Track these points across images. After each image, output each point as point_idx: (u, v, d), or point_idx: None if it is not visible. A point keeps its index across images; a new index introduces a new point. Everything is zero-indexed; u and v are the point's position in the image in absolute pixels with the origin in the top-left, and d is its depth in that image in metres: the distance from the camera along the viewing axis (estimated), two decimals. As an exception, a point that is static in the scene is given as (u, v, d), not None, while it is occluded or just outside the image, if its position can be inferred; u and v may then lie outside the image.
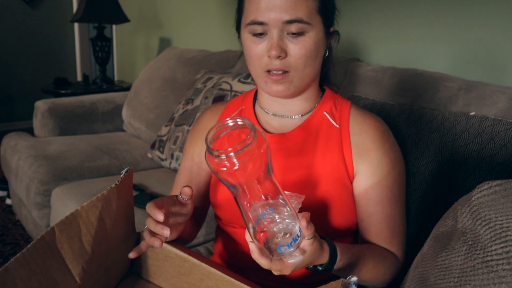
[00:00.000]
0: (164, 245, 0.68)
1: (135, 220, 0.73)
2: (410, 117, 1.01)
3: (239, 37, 0.76)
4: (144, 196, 1.40)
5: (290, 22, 0.66)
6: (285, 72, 0.70)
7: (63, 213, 1.46)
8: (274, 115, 0.80)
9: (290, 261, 0.56)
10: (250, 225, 0.55)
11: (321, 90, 0.82)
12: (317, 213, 0.74)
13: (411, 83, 1.12)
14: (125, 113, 2.22)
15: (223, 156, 0.51)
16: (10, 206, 2.26)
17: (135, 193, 1.45)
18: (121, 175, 0.63)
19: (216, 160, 0.52)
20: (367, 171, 0.75)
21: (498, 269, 0.44)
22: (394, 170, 0.76)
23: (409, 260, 0.73)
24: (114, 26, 3.32)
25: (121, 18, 2.71)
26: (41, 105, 2.11)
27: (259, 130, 0.53)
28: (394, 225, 0.77)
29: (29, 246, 0.51)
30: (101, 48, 2.82)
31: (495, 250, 0.45)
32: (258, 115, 0.82)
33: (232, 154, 0.51)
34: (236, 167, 0.51)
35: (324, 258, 0.62)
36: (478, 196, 0.52)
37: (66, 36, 3.89)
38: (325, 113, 0.78)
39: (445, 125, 0.95)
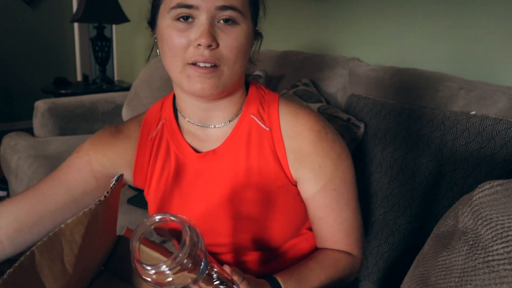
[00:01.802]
0: (144, 248, 0.62)
1: (130, 218, 0.71)
2: (410, 117, 1.01)
3: (152, 29, 0.67)
4: (143, 196, 1.40)
5: (223, 8, 0.59)
6: (214, 66, 0.61)
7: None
8: (200, 125, 0.71)
9: None
10: None
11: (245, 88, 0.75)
12: (263, 223, 0.71)
13: (412, 83, 1.12)
14: (125, 113, 2.22)
15: (153, 271, 0.44)
16: (10, 206, 2.26)
17: (133, 193, 1.45)
18: (112, 184, 0.58)
19: (146, 272, 0.45)
20: (310, 177, 0.70)
21: (499, 269, 0.44)
22: (338, 170, 0.71)
23: (409, 260, 0.73)
24: (114, 26, 3.32)
25: (121, 18, 2.71)
26: (41, 105, 2.11)
27: (192, 228, 0.46)
28: (347, 226, 0.74)
29: (5, 276, 0.46)
30: (101, 48, 2.82)
31: (496, 250, 0.45)
32: (182, 128, 0.74)
33: (166, 268, 0.44)
34: (170, 279, 0.45)
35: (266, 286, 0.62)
36: (479, 195, 0.52)
37: (66, 36, 3.89)
38: (252, 116, 0.71)
39: (445, 124, 0.95)
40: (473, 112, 0.94)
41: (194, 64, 0.61)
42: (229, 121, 0.71)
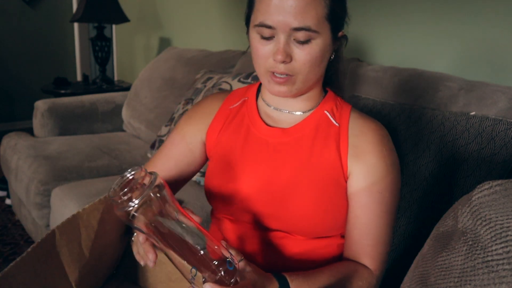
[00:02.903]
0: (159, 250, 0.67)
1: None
2: (410, 117, 1.01)
3: (247, 32, 0.76)
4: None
5: (297, 29, 0.66)
6: (288, 75, 0.70)
7: (62, 213, 1.46)
8: (276, 109, 0.80)
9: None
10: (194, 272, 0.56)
11: (324, 91, 0.83)
12: (307, 211, 0.74)
13: (412, 83, 1.12)
14: (125, 113, 2.22)
15: (124, 197, 0.52)
16: (10, 206, 2.26)
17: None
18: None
19: (118, 205, 0.53)
20: (360, 172, 0.74)
21: (498, 269, 0.44)
22: (388, 176, 0.75)
23: (409, 260, 0.73)
24: (114, 26, 3.32)
25: (121, 18, 2.71)
26: (41, 105, 2.11)
27: (154, 173, 0.56)
28: (377, 234, 0.75)
29: (29, 250, 0.49)
30: (101, 48, 2.82)
31: (495, 250, 0.45)
32: (260, 108, 0.83)
33: (129, 174, 0.53)
34: (135, 205, 0.52)
35: (271, 279, 0.65)
36: (478, 196, 0.52)
37: (66, 36, 3.89)
38: (326, 112, 0.79)
39: (445, 125, 0.95)
40: (473, 113, 0.94)
41: (272, 72, 0.71)
42: (304, 112, 0.80)
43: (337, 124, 0.78)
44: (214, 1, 2.28)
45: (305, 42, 0.68)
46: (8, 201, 2.27)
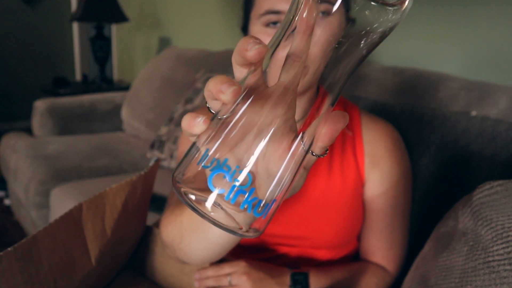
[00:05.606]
0: None
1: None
2: (411, 117, 1.01)
3: (244, 35, 0.74)
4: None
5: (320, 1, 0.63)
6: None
7: (62, 213, 1.46)
8: None
9: None
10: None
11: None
12: (335, 228, 0.73)
13: (412, 82, 1.12)
14: (124, 113, 2.22)
15: None
16: (9, 207, 2.26)
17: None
18: (150, 164, 0.63)
19: None
20: (377, 179, 0.75)
21: (499, 270, 0.43)
22: (403, 179, 0.76)
23: (410, 261, 0.73)
24: (113, 26, 3.31)
25: (121, 17, 2.70)
26: (40, 105, 2.10)
27: None
28: (393, 236, 0.76)
29: (57, 218, 0.50)
30: (100, 48, 2.82)
31: (496, 250, 0.45)
32: None
33: None
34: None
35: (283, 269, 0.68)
36: (479, 196, 0.52)
37: (65, 35, 3.89)
38: None
39: (446, 125, 0.95)
40: (474, 113, 0.94)
41: None
42: None
43: (350, 133, 0.76)
44: (214, 1, 2.27)
45: (327, 12, 0.60)
46: (7, 201, 2.27)
